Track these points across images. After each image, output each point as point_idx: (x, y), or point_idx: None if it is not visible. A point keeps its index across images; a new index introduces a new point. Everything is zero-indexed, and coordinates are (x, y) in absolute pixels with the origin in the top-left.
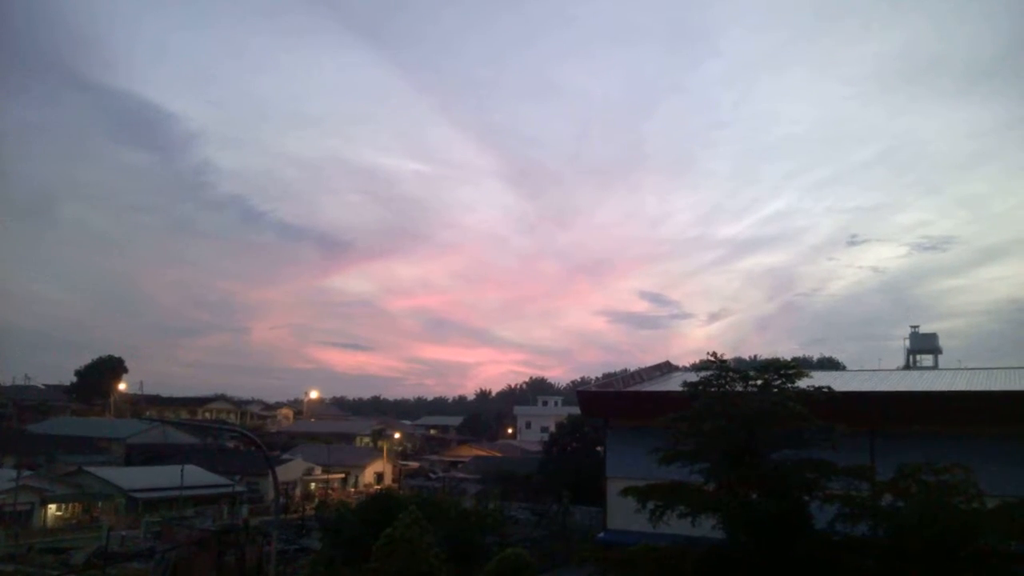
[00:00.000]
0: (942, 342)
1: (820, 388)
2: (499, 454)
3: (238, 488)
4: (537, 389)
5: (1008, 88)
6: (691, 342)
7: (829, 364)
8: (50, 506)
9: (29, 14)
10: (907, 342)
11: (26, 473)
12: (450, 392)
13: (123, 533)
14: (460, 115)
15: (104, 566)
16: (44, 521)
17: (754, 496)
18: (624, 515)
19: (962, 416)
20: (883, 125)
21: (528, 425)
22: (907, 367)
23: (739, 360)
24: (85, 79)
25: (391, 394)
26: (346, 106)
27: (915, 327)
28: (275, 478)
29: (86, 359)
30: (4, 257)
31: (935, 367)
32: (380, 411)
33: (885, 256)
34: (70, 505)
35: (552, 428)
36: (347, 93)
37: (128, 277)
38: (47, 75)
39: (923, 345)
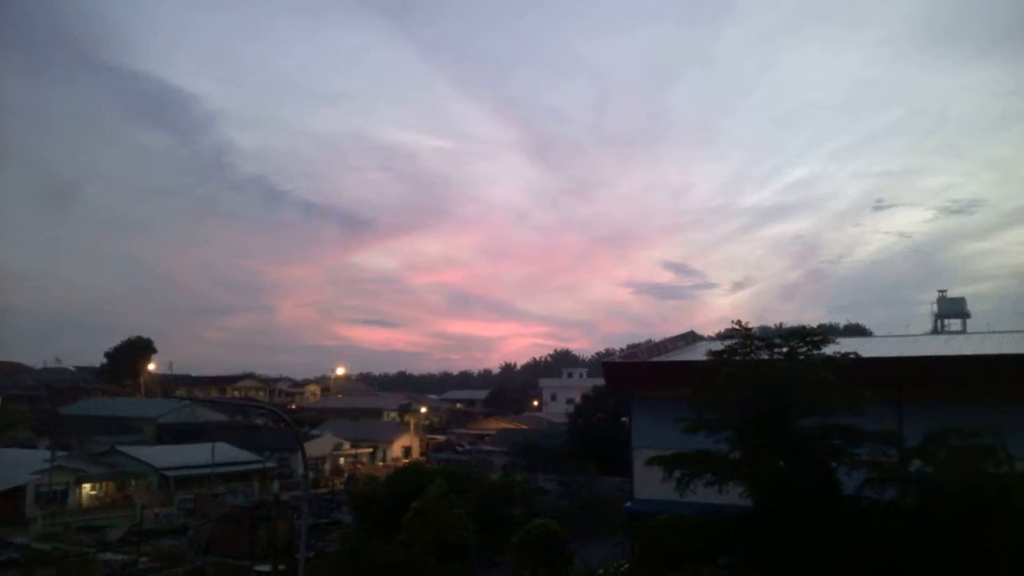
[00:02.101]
0: (970, 306)
1: (846, 354)
2: (525, 426)
3: (268, 464)
4: (562, 361)
5: None
6: (716, 312)
7: (856, 331)
8: (84, 486)
9: None
10: (935, 307)
11: (60, 454)
12: (475, 366)
13: (156, 511)
14: (480, 89)
15: (139, 543)
16: (79, 500)
17: (781, 463)
18: (650, 485)
19: (991, 380)
20: (907, 88)
21: (553, 397)
22: (935, 332)
23: (764, 329)
24: (104, 61)
25: (417, 369)
26: (366, 83)
27: (942, 292)
28: (304, 454)
29: (115, 341)
30: (32, 241)
31: (963, 331)
32: (406, 386)
33: (911, 221)
34: (104, 484)
35: (577, 400)
36: (367, 70)
37: (154, 259)
38: (66, 58)
39: (951, 309)
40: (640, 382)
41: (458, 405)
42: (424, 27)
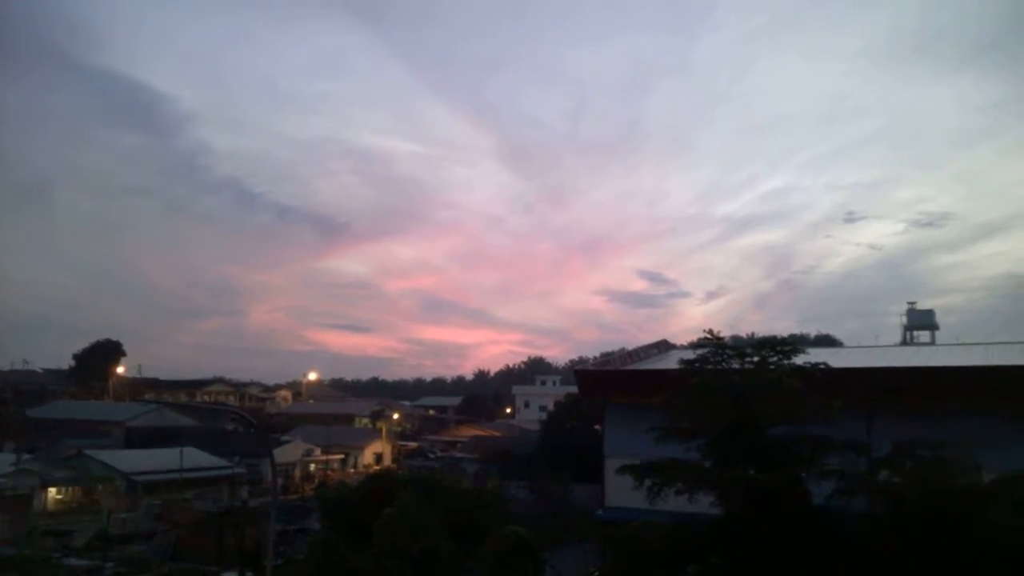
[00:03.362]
0: (939, 318)
1: (816, 364)
2: (498, 434)
3: (238, 470)
4: (535, 369)
5: (1008, 62)
6: (689, 320)
7: (826, 341)
8: (50, 490)
9: None
10: (904, 318)
11: (26, 457)
12: (449, 373)
13: (123, 516)
14: (455, 95)
15: (105, 548)
16: (45, 504)
17: (751, 472)
18: (622, 493)
19: (959, 391)
20: (882, 100)
21: (527, 404)
22: (904, 343)
23: (736, 338)
24: (77, 62)
25: (390, 375)
26: (343, 87)
27: (912, 303)
28: (272, 460)
29: (84, 343)
30: (0, 242)
31: (932, 343)
32: (379, 392)
33: (882, 233)
34: (70, 488)
35: (550, 407)
36: (343, 74)
37: (125, 260)
38: (39, 59)
39: (920, 321)
40: (613, 390)
41: (431, 412)
42: (402, 32)
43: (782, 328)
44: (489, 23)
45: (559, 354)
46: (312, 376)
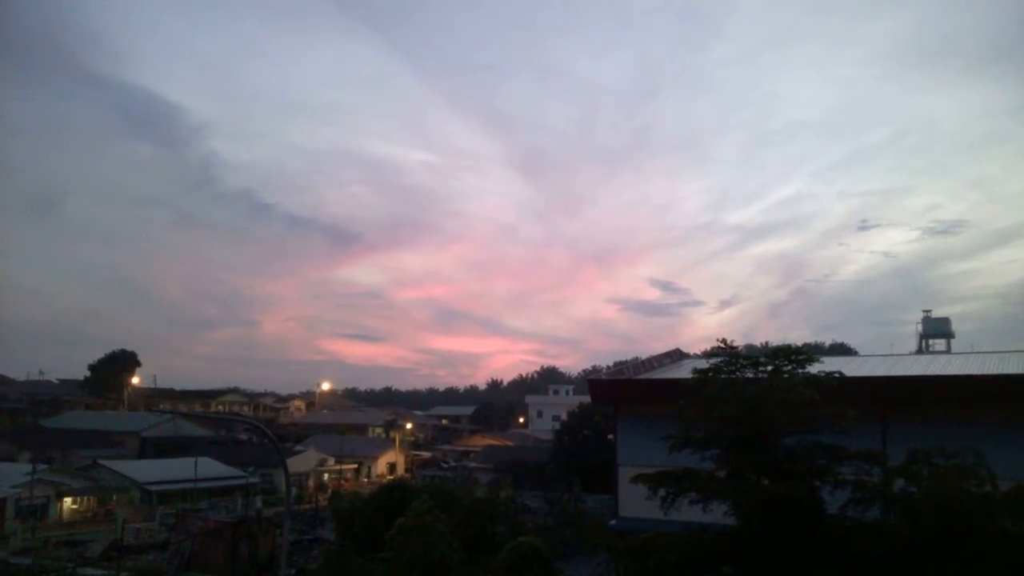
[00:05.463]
0: (955, 326)
1: (831, 373)
2: (511, 443)
3: (252, 480)
4: (548, 378)
5: (1019, 67)
6: (702, 329)
7: (841, 350)
8: (66, 499)
9: (34, 8)
10: (919, 327)
11: (41, 467)
12: (461, 382)
13: (138, 526)
14: (466, 103)
15: (120, 558)
16: (60, 514)
17: (765, 482)
18: (636, 502)
19: (975, 400)
20: (894, 107)
21: (540, 414)
22: (919, 352)
23: (750, 347)
24: (90, 73)
25: (403, 385)
26: (351, 96)
27: (927, 311)
28: (286, 470)
29: (99, 353)
30: (15, 253)
31: (948, 351)
32: (392, 402)
33: (896, 240)
34: (85, 498)
35: (564, 417)
36: (352, 83)
37: (139, 271)
38: (52, 70)
39: (935, 329)
40: (626, 399)
41: (444, 421)
42: (412, 41)
43: (796, 337)
44: (500, 31)
45: (572, 363)
46: (325, 386)
